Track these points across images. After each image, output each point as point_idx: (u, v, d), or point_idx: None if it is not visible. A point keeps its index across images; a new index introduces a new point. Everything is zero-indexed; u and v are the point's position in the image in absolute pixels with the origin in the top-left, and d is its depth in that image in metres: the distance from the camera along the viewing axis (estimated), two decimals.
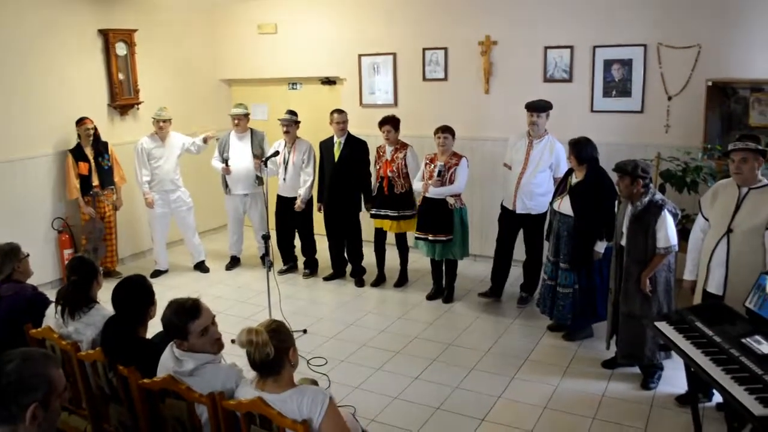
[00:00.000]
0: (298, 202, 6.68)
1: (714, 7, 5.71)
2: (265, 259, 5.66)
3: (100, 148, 6.70)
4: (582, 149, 4.98)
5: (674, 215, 4.33)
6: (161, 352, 2.98)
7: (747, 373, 2.91)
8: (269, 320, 2.70)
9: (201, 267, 7.29)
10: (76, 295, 3.42)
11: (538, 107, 5.65)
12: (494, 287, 6.09)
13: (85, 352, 3.22)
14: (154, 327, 3.25)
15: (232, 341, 2.79)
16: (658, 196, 4.37)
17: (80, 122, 6.58)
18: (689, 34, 5.84)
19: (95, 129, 6.64)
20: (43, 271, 6.39)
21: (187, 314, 2.88)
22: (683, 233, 4.55)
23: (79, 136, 6.63)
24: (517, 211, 5.79)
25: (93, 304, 3.46)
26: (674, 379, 4.42)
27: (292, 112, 6.70)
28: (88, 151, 6.64)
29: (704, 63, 5.81)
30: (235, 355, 4.73)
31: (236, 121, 6.90)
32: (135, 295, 3.21)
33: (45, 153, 6.61)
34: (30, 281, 4.06)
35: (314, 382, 3.13)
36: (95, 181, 6.68)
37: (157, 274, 7.03)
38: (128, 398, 3.01)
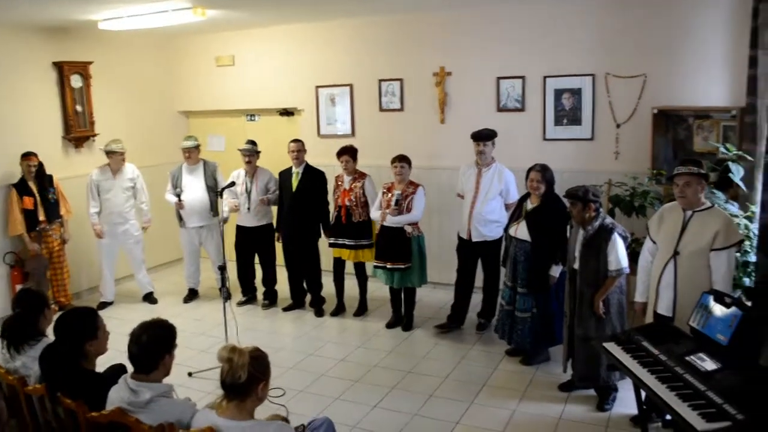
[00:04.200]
0: (264, 197, 6.64)
1: (658, 38, 5.93)
2: (221, 291, 5.61)
3: (45, 182, 6.53)
4: (550, 172, 5.13)
5: (624, 238, 4.42)
6: (110, 386, 2.92)
7: (691, 390, 2.98)
8: (254, 347, 2.69)
9: (149, 298, 7.21)
10: (20, 327, 3.34)
11: (483, 136, 5.77)
12: (455, 316, 6.08)
13: (32, 387, 3.14)
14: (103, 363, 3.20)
15: (189, 374, 2.76)
16: (608, 220, 4.47)
17: (26, 157, 6.42)
18: (635, 64, 6.04)
19: (39, 165, 6.46)
20: None
21: (173, 330, 2.92)
22: (633, 256, 4.65)
23: (23, 170, 6.48)
24: (473, 240, 5.85)
25: (40, 338, 3.38)
26: (628, 400, 4.46)
27: (253, 142, 6.69)
28: (32, 185, 6.48)
29: (650, 91, 6.01)
30: (190, 389, 4.70)
31: (187, 154, 6.84)
32: (74, 325, 3.10)
33: None
34: None
35: (285, 420, 3.08)
36: (41, 216, 6.52)
37: (103, 305, 6.91)
38: None
